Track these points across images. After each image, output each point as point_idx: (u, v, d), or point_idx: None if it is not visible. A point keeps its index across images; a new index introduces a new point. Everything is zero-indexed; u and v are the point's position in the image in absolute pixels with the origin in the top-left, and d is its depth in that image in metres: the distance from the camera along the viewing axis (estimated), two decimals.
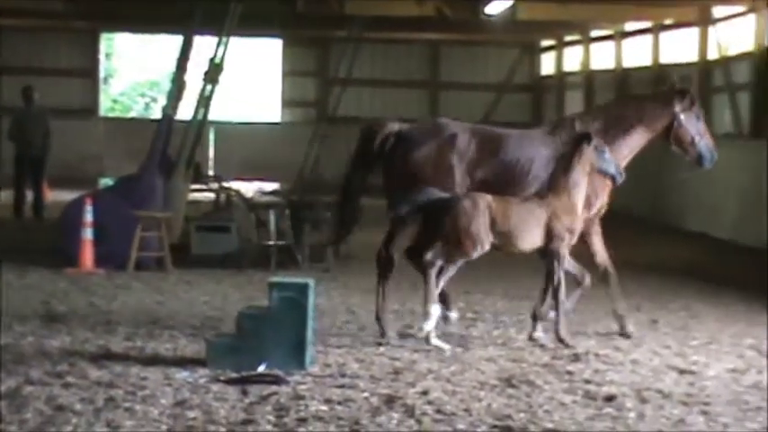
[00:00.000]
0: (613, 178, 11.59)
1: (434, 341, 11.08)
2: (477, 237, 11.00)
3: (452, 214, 11.01)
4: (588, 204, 11.67)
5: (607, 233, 12.38)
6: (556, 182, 11.30)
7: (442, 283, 11.29)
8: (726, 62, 22.88)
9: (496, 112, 35.39)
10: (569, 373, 10.19)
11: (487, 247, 11.07)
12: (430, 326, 11.12)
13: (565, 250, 11.29)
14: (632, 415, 8.81)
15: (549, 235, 11.15)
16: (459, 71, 35.72)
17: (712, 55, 23.58)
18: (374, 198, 12.74)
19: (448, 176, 11.77)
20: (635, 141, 12.15)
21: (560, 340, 11.27)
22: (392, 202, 11.75)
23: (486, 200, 11.10)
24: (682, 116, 12.13)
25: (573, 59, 32.64)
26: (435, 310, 11.16)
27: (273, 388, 9.26)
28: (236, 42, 19.98)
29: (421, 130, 12.22)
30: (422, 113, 35.64)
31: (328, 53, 34.79)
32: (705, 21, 23.62)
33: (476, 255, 11.08)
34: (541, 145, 11.99)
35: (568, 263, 11.65)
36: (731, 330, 12.49)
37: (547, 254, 11.26)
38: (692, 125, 12.19)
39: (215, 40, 18.20)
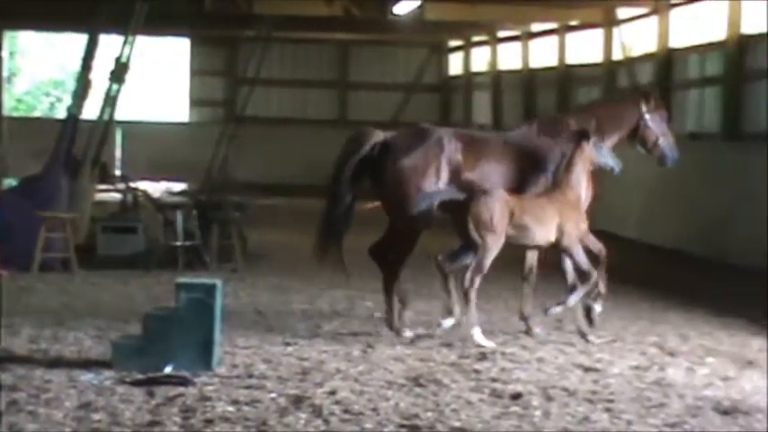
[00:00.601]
0: (612, 170, 12.05)
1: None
2: (499, 230, 11.38)
3: (475, 211, 11.37)
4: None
5: None
6: (559, 179, 11.78)
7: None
8: (630, 63, 23.17)
9: (405, 113, 35.54)
10: (476, 371, 10.25)
11: (503, 239, 11.47)
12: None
13: (576, 245, 11.67)
14: (538, 413, 8.88)
15: (560, 232, 11.58)
16: (368, 71, 35.78)
17: (617, 56, 23.86)
18: (287, 198, 12.72)
19: (436, 182, 11.96)
20: (607, 143, 12.37)
21: (590, 320, 11.88)
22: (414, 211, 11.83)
23: (501, 194, 11.51)
24: (648, 117, 12.44)
25: (480, 60, 32.84)
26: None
27: (180, 389, 9.20)
28: (142, 41, 19.83)
29: (407, 136, 12.30)
30: (331, 113, 35.69)
31: (236, 53, 34.65)
32: (610, 22, 23.91)
33: (498, 249, 11.48)
34: (524, 147, 12.25)
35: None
36: (634, 328, 12.65)
37: (561, 251, 11.76)
38: (657, 126, 12.51)
39: (121, 38, 18.04)
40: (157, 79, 35.58)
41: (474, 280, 11.46)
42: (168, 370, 9.63)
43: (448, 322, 11.63)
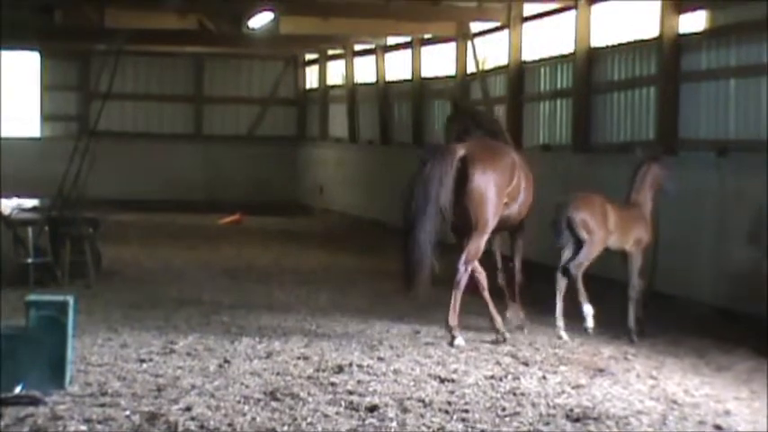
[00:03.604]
0: (669, 194, 13.47)
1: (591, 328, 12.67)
2: (601, 231, 12.64)
3: (582, 215, 12.60)
4: None
5: (365, 244, 12.67)
6: (634, 195, 13.08)
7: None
8: (483, 76, 23.45)
9: (261, 126, 35.45)
10: (333, 384, 10.27)
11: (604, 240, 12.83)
12: (590, 322, 12.64)
13: (641, 257, 13.11)
14: (394, 424, 8.93)
15: (634, 241, 12.97)
16: (223, 85, 35.59)
17: (470, 69, 24.12)
18: (142, 213, 12.55)
19: (503, 195, 12.69)
20: None
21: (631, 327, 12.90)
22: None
23: (601, 199, 12.82)
24: None
25: (336, 73, 32.92)
26: (588, 308, 12.66)
27: (30, 409, 9.03)
28: None
29: (486, 150, 12.90)
30: (186, 128, 35.40)
31: (89, 66, 34.15)
32: (463, 36, 24.16)
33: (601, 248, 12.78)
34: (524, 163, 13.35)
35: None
36: (490, 338, 12.78)
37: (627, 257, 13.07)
38: None
39: None
40: (7, 94, 34.86)
41: (578, 273, 12.57)
42: (18, 390, 9.44)
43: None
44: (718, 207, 14.63)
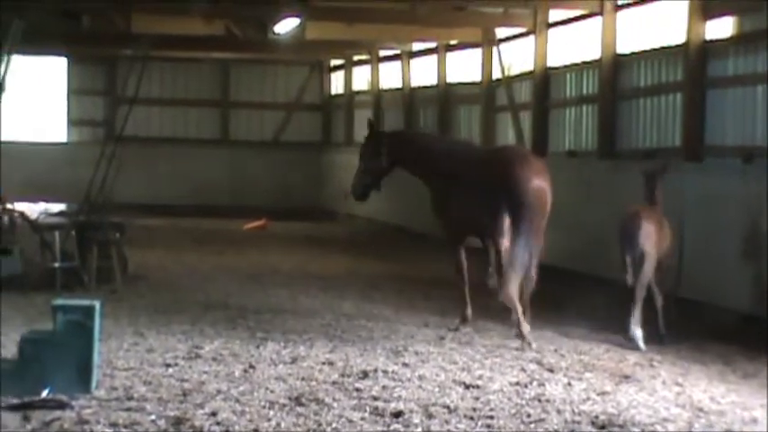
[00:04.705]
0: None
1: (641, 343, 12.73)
2: (656, 241, 12.99)
3: (646, 227, 12.87)
4: None
5: (389, 249, 12.67)
6: (654, 202, 13.36)
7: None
8: (509, 81, 23.45)
9: (287, 131, 35.54)
10: (358, 390, 10.27)
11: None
12: (642, 346, 12.62)
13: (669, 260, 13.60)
14: (419, 430, 8.93)
15: (667, 247, 13.32)
16: (249, 90, 35.68)
17: (496, 74, 24.12)
18: (168, 218, 12.57)
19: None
20: None
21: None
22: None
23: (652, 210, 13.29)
24: None
25: (361, 79, 32.96)
26: (639, 332, 12.73)
27: (57, 413, 9.07)
28: (18, 60, 19.52)
29: (533, 157, 13.71)
30: (213, 133, 35.50)
31: (115, 71, 34.29)
32: (489, 41, 24.17)
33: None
34: None
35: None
36: (515, 344, 12.77)
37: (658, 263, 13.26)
38: None
39: None
40: (35, 99, 35.03)
41: (644, 287, 12.80)
42: (45, 394, 9.49)
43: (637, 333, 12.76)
44: (744, 214, 14.57)
